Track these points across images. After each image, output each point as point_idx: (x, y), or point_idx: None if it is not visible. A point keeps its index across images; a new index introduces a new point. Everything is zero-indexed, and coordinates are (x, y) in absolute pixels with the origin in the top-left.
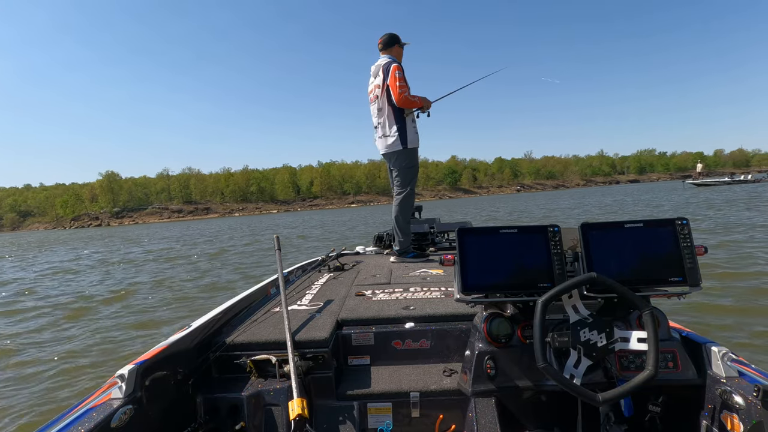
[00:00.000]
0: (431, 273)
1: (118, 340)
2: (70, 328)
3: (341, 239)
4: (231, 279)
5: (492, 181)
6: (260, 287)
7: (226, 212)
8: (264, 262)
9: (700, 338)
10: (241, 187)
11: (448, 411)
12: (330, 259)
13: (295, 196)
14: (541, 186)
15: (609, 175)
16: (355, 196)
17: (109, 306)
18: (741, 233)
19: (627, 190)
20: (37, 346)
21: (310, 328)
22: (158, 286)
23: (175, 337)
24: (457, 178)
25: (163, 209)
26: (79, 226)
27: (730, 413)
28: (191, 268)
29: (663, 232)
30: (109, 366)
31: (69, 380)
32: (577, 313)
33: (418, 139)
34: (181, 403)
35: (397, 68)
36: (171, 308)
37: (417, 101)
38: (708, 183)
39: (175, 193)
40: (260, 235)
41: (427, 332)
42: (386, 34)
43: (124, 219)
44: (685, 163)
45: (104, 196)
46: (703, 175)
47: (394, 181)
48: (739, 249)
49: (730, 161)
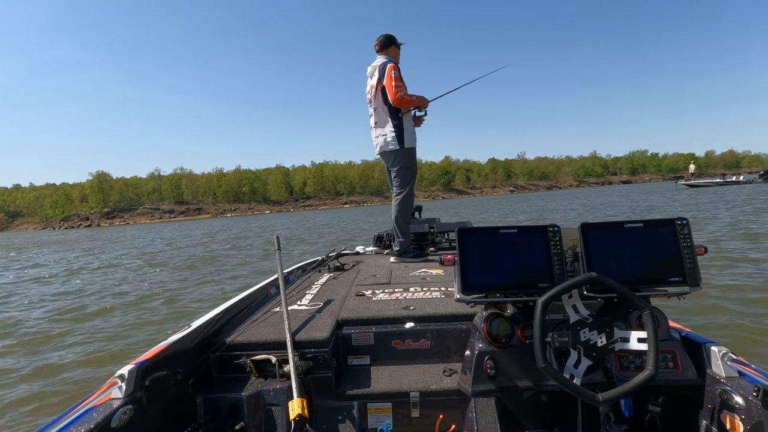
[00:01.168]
0: (431, 273)
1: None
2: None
3: (332, 243)
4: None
5: (485, 181)
6: (260, 287)
7: (218, 213)
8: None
9: (700, 338)
10: (233, 187)
11: (448, 411)
12: (330, 259)
13: (288, 197)
14: (534, 187)
15: (602, 176)
16: (349, 196)
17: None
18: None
19: (621, 191)
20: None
21: (310, 328)
22: (130, 308)
23: (175, 337)
24: (450, 178)
25: (154, 210)
26: (69, 227)
27: (730, 413)
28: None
29: (663, 232)
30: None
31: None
32: (577, 313)
33: (415, 138)
34: (181, 403)
35: (393, 68)
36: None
37: (414, 100)
38: (701, 184)
39: (167, 194)
40: (258, 236)
41: (427, 332)
42: (382, 35)
43: (114, 219)
44: (676, 164)
45: (94, 196)
46: (695, 176)
47: (392, 181)
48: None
49: (721, 162)
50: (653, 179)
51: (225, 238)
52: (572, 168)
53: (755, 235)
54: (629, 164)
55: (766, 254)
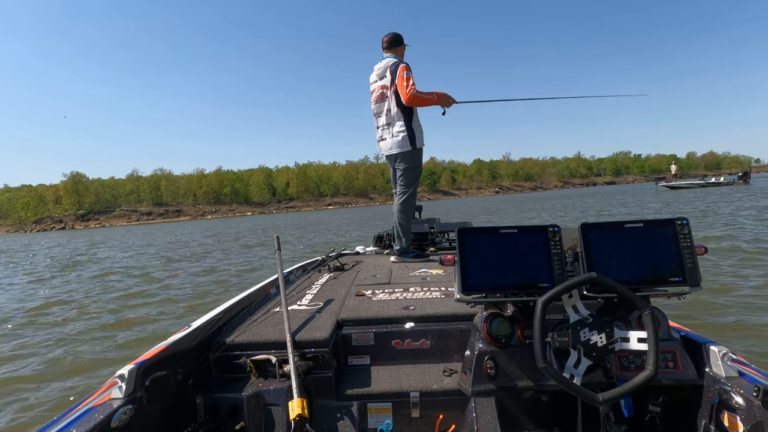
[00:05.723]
0: (431, 273)
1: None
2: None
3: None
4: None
5: (471, 182)
6: (260, 287)
7: (198, 214)
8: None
9: (700, 338)
10: (214, 188)
11: (448, 411)
12: (330, 259)
13: (271, 198)
14: (519, 188)
15: (586, 177)
16: (333, 197)
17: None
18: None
19: (599, 193)
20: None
21: (310, 328)
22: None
23: (175, 337)
24: (435, 179)
25: (131, 212)
26: (41, 230)
27: (730, 413)
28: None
29: (663, 232)
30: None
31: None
32: (577, 313)
33: (423, 138)
34: (181, 403)
35: (405, 68)
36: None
37: (432, 98)
38: (682, 185)
39: (145, 195)
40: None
41: (427, 332)
42: (391, 33)
43: (90, 222)
44: (659, 165)
45: (69, 197)
46: (677, 177)
47: (397, 181)
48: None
49: (702, 164)
50: (637, 180)
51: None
52: (557, 169)
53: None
54: (613, 165)
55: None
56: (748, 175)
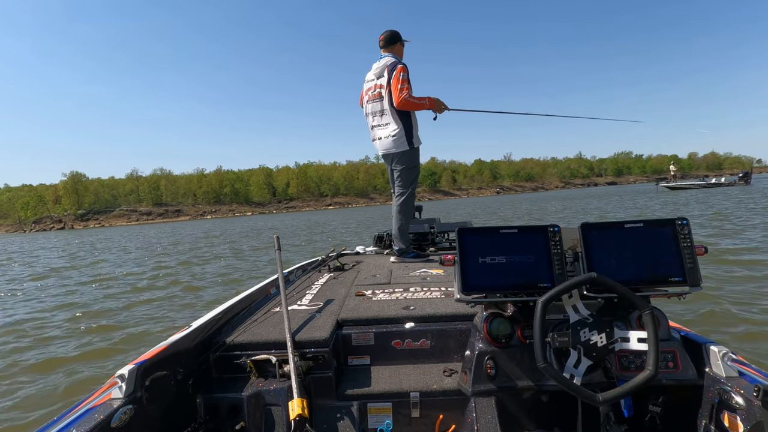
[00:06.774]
0: (431, 273)
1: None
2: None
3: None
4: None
5: (472, 183)
6: (260, 287)
7: (197, 214)
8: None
9: (700, 338)
10: (214, 188)
11: (448, 411)
12: (330, 259)
13: (271, 198)
14: (520, 188)
15: (587, 177)
16: (333, 197)
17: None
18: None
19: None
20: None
21: (310, 328)
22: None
23: (175, 337)
24: (436, 179)
25: (131, 211)
26: (41, 230)
27: (730, 413)
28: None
29: (663, 232)
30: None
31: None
32: (577, 313)
33: (420, 137)
34: (181, 403)
35: (402, 69)
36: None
37: (424, 103)
38: (682, 186)
39: (145, 195)
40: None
41: (427, 332)
42: (388, 31)
43: (89, 222)
44: (661, 165)
45: (68, 197)
46: (677, 177)
47: (395, 181)
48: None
49: (703, 164)
50: (638, 180)
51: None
52: (558, 169)
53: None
54: (614, 165)
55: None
56: (749, 175)
